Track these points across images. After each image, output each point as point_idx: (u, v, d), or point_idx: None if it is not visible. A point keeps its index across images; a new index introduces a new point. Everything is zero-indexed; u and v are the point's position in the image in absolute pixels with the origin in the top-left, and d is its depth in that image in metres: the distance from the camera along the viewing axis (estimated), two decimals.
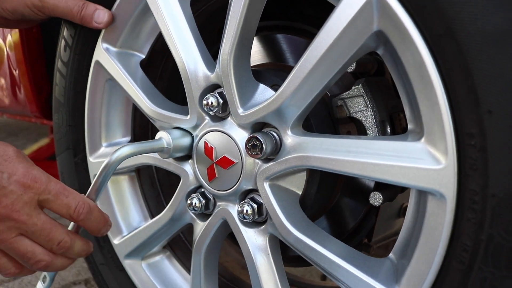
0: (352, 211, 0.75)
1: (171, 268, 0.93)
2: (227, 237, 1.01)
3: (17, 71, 1.17)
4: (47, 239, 0.58)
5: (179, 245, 0.96)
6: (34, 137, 3.04)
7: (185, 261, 0.93)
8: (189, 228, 0.93)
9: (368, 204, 0.74)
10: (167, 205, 0.81)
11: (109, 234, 0.93)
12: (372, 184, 0.73)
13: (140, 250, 0.89)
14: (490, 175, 0.47)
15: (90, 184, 0.94)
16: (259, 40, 0.86)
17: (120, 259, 0.92)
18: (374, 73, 0.72)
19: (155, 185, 0.99)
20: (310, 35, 0.82)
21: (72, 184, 0.97)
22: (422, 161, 0.52)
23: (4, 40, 1.18)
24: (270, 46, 0.85)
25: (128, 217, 0.94)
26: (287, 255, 0.84)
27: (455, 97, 0.48)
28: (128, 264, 0.91)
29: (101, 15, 0.78)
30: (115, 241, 0.92)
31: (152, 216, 0.94)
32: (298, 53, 0.82)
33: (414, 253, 0.56)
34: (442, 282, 0.53)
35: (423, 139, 0.52)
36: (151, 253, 0.91)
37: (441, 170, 0.50)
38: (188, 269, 0.92)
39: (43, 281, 0.73)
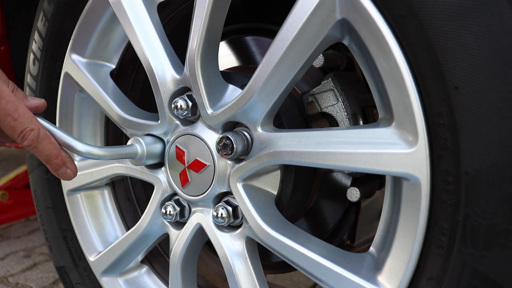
0: (331, 210, 0.73)
1: (150, 283, 0.89)
2: (207, 250, 0.99)
3: None
4: None
5: (157, 259, 0.92)
6: (14, 167, 3.00)
7: (164, 275, 0.90)
8: (167, 241, 0.90)
9: (347, 202, 0.72)
10: None
11: (85, 251, 0.89)
12: (349, 182, 0.71)
13: (117, 266, 0.86)
14: (461, 153, 0.46)
15: (64, 200, 0.91)
16: (228, 44, 0.85)
17: (97, 277, 0.88)
18: (344, 68, 0.72)
19: (131, 199, 0.96)
20: None
21: (45, 201, 0.93)
22: (393, 146, 0.51)
23: None
24: (239, 49, 0.85)
25: (104, 232, 0.91)
26: (267, 261, 0.81)
27: (421, 77, 0.47)
28: (105, 282, 0.87)
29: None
30: (91, 258, 0.88)
31: None
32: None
33: (393, 243, 0.55)
34: (422, 269, 0.51)
35: (393, 124, 0.51)
36: (129, 268, 0.88)
37: (413, 153, 0.49)
38: (167, 283, 0.89)
39: None
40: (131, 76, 0.90)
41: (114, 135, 0.92)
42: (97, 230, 0.91)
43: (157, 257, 0.93)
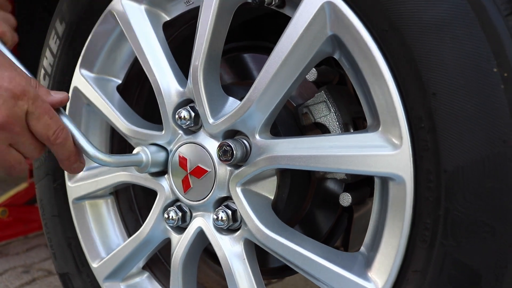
0: (325, 215, 0.78)
1: None
2: (206, 260, 1.02)
3: None
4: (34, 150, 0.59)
5: (158, 266, 0.96)
6: (3, 189, 3.04)
7: (164, 281, 0.93)
8: (167, 248, 0.94)
9: (340, 208, 0.76)
10: None
11: (88, 257, 0.93)
12: (342, 188, 0.76)
13: (120, 271, 0.89)
14: (440, 153, 0.51)
15: (69, 208, 0.95)
16: (226, 62, 0.91)
17: (100, 283, 0.91)
18: (336, 83, 0.77)
19: (134, 209, 1.00)
20: None
21: (51, 209, 0.97)
22: (380, 148, 0.56)
23: None
24: (237, 67, 0.91)
25: (107, 240, 0.94)
26: (264, 267, 0.85)
27: (403, 85, 0.53)
28: (108, 287, 0.90)
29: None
30: (94, 264, 0.92)
31: None
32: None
33: (381, 241, 0.59)
34: (409, 263, 0.55)
35: (380, 129, 0.56)
36: (131, 274, 0.91)
37: (398, 155, 0.54)
38: None
39: None
40: (135, 91, 0.95)
41: (118, 147, 0.96)
42: (101, 237, 0.94)
43: (157, 264, 0.96)
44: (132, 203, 1.00)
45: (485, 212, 0.49)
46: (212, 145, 0.71)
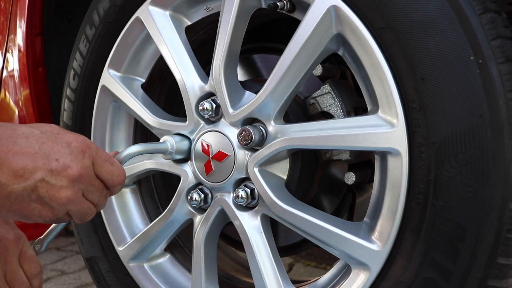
0: (332, 194, 0.88)
1: (172, 269, 1.01)
2: (221, 247, 1.11)
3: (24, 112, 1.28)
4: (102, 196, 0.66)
5: (178, 250, 1.05)
6: None
7: (184, 262, 1.02)
8: (186, 233, 1.03)
9: (345, 186, 0.86)
10: None
11: (114, 242, 1.02)
12: (346, 168, 0.86)
13: (144, 252, 0.98)
14: (429, 128, 0.61)
15: None
16: (241, 63, 1.01)
17: (125, 264, 1.00)
18: (339, 77, 0.88)
19: (154, 198, 1.09)
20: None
21: None
22: (379, 127, 0.66)
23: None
24: (250, 66, 1.01)
25: (131, 225, 1.04)
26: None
27: (397, 73, 0.63)
28: (133, 267, 0.99)
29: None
30: (120, 247, 1.00)
31: None
32: (271, 67, 0.98)
33: (382, 208, 0.69)
34: (406, 224, 0.65)
35: (379, 111, 0.67)
36: (154, 255, 1.00)
37: (395, 131, 0.64)
38: (187, 270, 1.01)
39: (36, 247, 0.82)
40: (157, 89, 1.05)
41: (140, 139, 1.06)
42: (125, 223, 1.03)
43: (177, 247, 1.05)
44: (153, 192, 1.09)
45: (468, 176, 0.59)
46: (232, 132, 0.81)
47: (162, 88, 1.06)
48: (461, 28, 0.58)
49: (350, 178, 0.82)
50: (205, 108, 0.83)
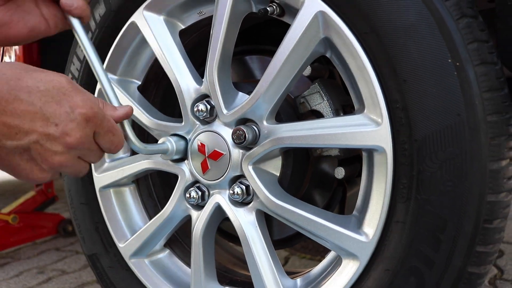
0: (323, 188, 0.92)
1: (172, 263, 1.05)
2: (218, 241, 1.15)
3: None
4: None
5: (177, 245, 1.09)
6: (12, 201, 3.12)
7: (183, 257, 1.06)
8: (184, 229, 1.07)
9: (336, 181, 0.91)
10: None
11: (115, 239, 1.05)
12: (336, 164, 0.90)
13: (144, 248, 1.02)
14: (412, 126, 0.65)
15: (96, 196, 1.08)
16: (233, 64, 1.05)
17: (126, 260, 1.04)
18: (327, 77, 0.92)
19: (153, 196, 1.13)
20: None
21: (79, 198, 1.10)
22: (366, 126, 0.70)
23: None
24: (242, 67, 1.05)
25: (131, 223, 1.07)
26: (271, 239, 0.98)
27: (381, 75, 0.67)
28: (134, 263, 1.03)
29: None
30: (121, 244, 1.04)
31: None
32: (264, 68, 1.01)
33: (369, 201, 0.73)
34: (392, 216, 0.69)
35: (365, 111, 0.71)
36: (154, 251, 1.04)
37: (380, 130, 0.68)
38: (186, 264, 1.05)
39: None
40: (153, 91, 1.09)
41: None
42: (125, 221, 1.07)
43: (176, 243, 1.09)
44: (151, 190, 1.13)
45: (447, 171, 0.63)
46: (227, 132, 0.85)
47: (157, 90, 1.09)
48: (439, 32, 0.62)
49: (340, 172, 0.86)
50: (200, 109, 0.86)
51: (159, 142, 0.90)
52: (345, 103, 0.89)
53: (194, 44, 1.03)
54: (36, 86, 0.55)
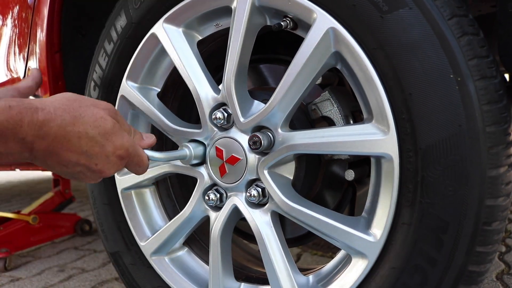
0: (333, 190, 0.97)
1: (191, 261, 1.12)
2: (233, 240, 1.21)
3: None
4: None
5: (195, 243, 1.15)
6: (28, 201, 3.22)
7: (201, 254, 1.12)
8: (202, 229, 1.13)
9: (346, 182, 0.96)
10: None
11: (136, 237, 1.12)
12: (346, 166, 0.95)
13: (165, 247, 1.08)
14: (416, 136, 0.70)
15: (118, 197, 1.14)
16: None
17: (147, 257, 1.10)
18: (336, 84, 0.97)
19: (171, 197, 1.19)
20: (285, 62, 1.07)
21: (102, 199, 1.16)
22: (374, 135, 0.75)
23: None
24: (256, 75, 1.10)
25: (151, 222, 1.14)
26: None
27: (389, 88, 0.72)
28: (154, 260, 1.09)
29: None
30: (142, 242, 1.11)
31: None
32: (276, 77, 1.07)
33: (377, 205, 0.79)
34: (398, 218, 0.75)
35: (373, 121, 0.76)
36: (174, 249, 1.10)
37: (387, 139, 0.74)
38: (204, 261, 1.11)
39: None
40: (171, 97, 1.15)
41: (156, 146, 1.16)
42: (146, 220, 1.14)
43: (194, 241, 1.16)
44: (170, 192, 1.19)
45: (449, 177, 0.69)
46: (243, 138, 0.91)
47: (175, 96, 1.15)
48: (442, 49, 0.67)
49: (350, 175, 0.91)
50: (218, 117, 0.92)
51: (179, 148, 0.96)
52: (354, 109, 0.94)
53: (210, 52, 1.09)
54: (85, 132, 0.69)
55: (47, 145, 0.65)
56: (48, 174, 4.93)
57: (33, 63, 1.26)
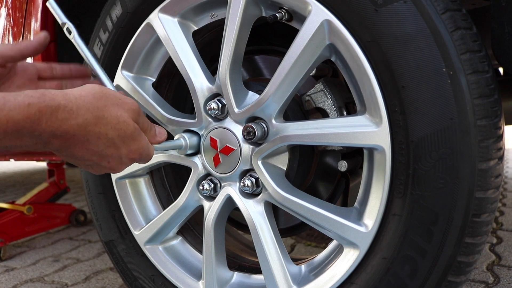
0: (327, 181, 0.98)
1: (184, 250, 1.12)
2: (226, 229, 1.22)
3: None
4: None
5: (188, 233, 1.16)
6: (22, 192, 3.21)
7: (194, 244, 1.13)
8: (195, 218, 1.14)
9: (339, 173, 0.97)
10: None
11: (130, 226, 1.13)
12: (339, 157, 0.96)
13: (158, 236, 1.09)
14: (409, 128, 0.71)
15: (112, 186, 1.15)
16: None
17: (141, 246, 1.11)
18: (330, 76, 0.98)
19: (165, 186, 1.20)
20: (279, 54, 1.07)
21: (96, 188, 1.17)
22: (367, 127, 0.76)
23: None
24: (250, 66, 1.11)
25: (145, 211, 1.15)
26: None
27: (382, 81, 0.73)
28: (148, 249, 1.10)
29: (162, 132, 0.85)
30: (136, 231, 1.12)
31: None
32: (270, 68, 1.07)
33: (369, 195, 0.80)
34: (389, 209, 0.76)
35: (366, 113, 0.77)
36: (167, 238, 1.11)
37: (380, 131, 0.75)
38: (198, 250, 1.12)
39: None
40: (165, 88, 1.15)
41: None
42: (140, 209, 1.14)
43: (188, 231, 1.16)
44: (164, 181, 1.19)
45: (440, 170, 0.70)
46: (238, 129, 0.91)
47: (170, 86, 1.15)
48: (435, 43, 0.68)
49: (343, 165, 0.92)
50: (212, 107, 0.93)
51: (175, 138, 0.96)
52: (348, 101, 0.95)
53: (205, 43, 1.09)
54: (105, 133, 0.68)
55: (63, 141, 0.65)
56: (43, 164, 4.91)
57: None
